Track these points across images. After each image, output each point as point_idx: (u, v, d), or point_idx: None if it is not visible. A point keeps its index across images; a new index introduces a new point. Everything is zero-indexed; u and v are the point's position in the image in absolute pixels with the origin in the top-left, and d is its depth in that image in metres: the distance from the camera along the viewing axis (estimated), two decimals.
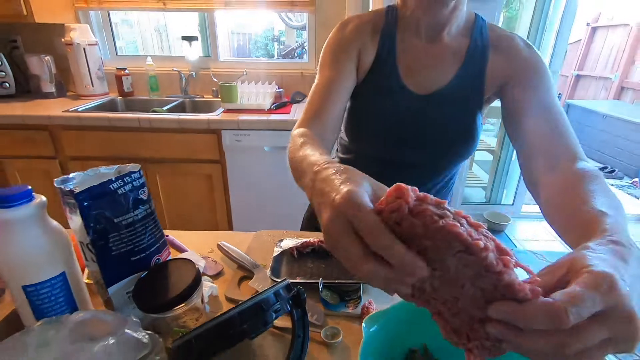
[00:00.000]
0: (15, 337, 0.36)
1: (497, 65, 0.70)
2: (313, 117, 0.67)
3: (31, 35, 2.13)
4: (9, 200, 0.42)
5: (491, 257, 0.27)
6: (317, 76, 0.73)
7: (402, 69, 0.72)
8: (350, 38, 0.72)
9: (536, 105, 0.65)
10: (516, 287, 0.26)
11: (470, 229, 0.27)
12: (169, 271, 0.52)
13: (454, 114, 0.72)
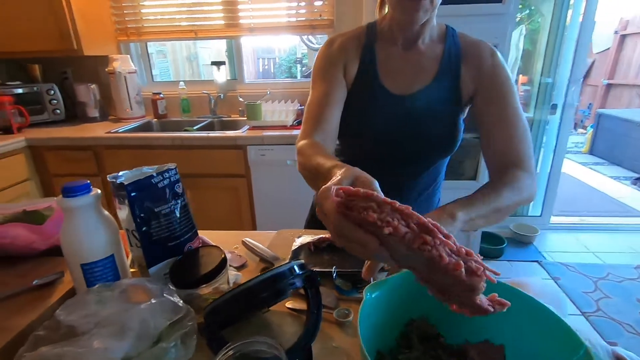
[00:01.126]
0: (78, 296, 0.44)
1: (467, 72, 0.76)
2: (315, 127, 0.74)
3: (79, 67, 2.37)
4: (73, 191, 0.52)
5: (408, 236, 0.33)
6: (311, 91, 0.81)
7: (382, 74, 0.79)
8: (336, 54, 0.80)
9: (493, 120, 0.72)
10: (436, 260, 0.32)
11: (388, 215, 0.33)
12: (199, 256, 0.59)
13: (434, 112, 0.77)
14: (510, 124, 0.71)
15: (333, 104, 0.76)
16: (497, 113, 0.72)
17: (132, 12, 2.26)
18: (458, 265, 0.32)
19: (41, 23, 1.97)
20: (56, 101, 2.23)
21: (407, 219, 0.35)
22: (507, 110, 0.71)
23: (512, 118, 0.71)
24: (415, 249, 0.33)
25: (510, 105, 0.71)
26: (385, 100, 0.78)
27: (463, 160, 2.11)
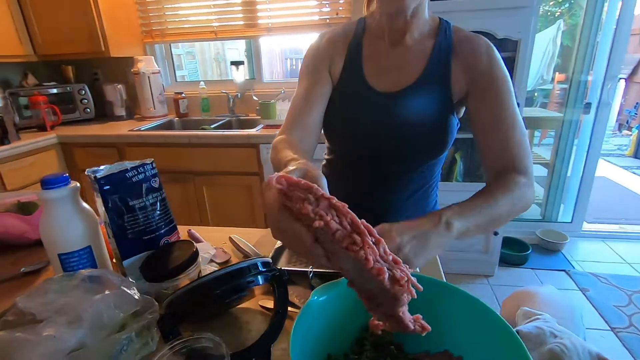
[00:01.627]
0: (40, 284, 0.46)
1: (458, 69, 0.71)
2: (293, 124, 0.73)
3: (109, 68, 2.50)
4: (50, 183, 0.54)
5: (339, 234, 0.31)
6: (297, 87, 0.79)
7: (367, 71, 0.76)
8: (323, 49, 0.79)
9: (489, 121, 0.68)
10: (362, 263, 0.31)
11: (323, 210, 0.32)
12: (173, 250, 0.60)
13: (420, 112, 0.73)
14: (507, 126, 0.66)
15: (314, 101, 0.75)
16: (493, 114, 0.67)
17: (156, 15, 2.35)
18: (381, 271, 0.30)
19: (74, 27, 2.10)
20: (86, 100, 2.36)
21: (341, 217, 0.33)
22: (503, 112, 0.67)
23: (509, 120, 0.67)
24: (344, 248, 0.31)
25: (507, 106, 0.67)
26: (369, 98, 0.75)
27: None
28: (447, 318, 0.43)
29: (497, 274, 2.15)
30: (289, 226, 0.35)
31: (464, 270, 2.16)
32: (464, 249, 2.11)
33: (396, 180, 0.81)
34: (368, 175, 0.82)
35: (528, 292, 1.09)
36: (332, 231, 0.32)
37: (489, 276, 2.14)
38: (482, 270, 2.15)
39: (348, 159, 0.84)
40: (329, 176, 0.90)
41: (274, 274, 0.55)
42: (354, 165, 0.83)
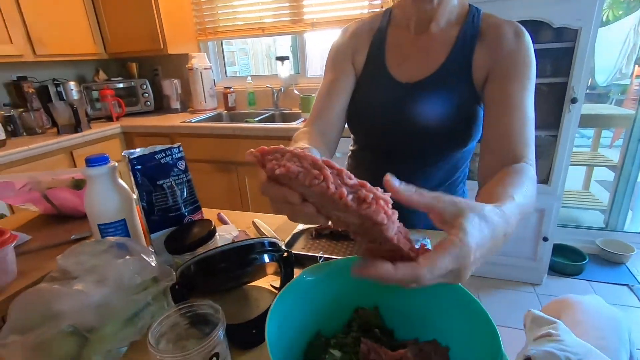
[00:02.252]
0: (74, 247, 0.54)
1: (481, 55, 0.67)
2: (316, 117, 0.75)
3: (167, 64, 2.71)
4: (93, 162, 0.62)
5: (301, 175, 0.32)
6: (322, 79, 0.81)
7: (389, 61, 0.74)
8: (346, 43, 0.79)
9: (502, 100, 0.63)
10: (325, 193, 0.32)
11: (288, 160, 0.33)
12: (194, 227, 0.65)
13: (440, 102, 0.70)
14: (517, 115, 0.62)
15: (337, 94, 0.76)
16: (503, 96, 0.64)
17: (209, 14, 2.50)
18: (342, 193, 0.31)
19: (138, 28, 2.31)
20: (147, 94, 2.58)
21: (302, 161, 0.34)
22: (516, 99, 0.63)
23: (519, 104, 0.62)
24: (308, 186, 0.32)
25: (520, 90, 0.63)
26: (390, 88, 0.74)
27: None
28: (438, 308, 0.42)
29: (545, 283, 2.00)
30: (276, 192, 0.36)
31: (509, 276, 2.03)
32: (509, 254, 1.98)
33: (418, 172, 0.80)
34: (390, 167, 0.82)
35: (568, 301, 1.01)
36: (294, 174, 0.32)
37: (536, 285, 2.00)
38: (529, 277, 2.01)
39: (370, 150, 0.85)
40: (354, 167, 0.92)
41: (281, 255, 0.58)
42: (376, 156, 0.83)
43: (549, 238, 1.88)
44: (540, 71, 1.73)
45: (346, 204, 0.31)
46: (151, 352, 0.40)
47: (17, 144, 1.82)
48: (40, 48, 2.06)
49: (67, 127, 2.05)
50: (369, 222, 0.31)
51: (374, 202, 0.31)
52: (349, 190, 0.32)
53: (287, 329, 0.41)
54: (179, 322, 0.46)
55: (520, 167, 0.56)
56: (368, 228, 0.33)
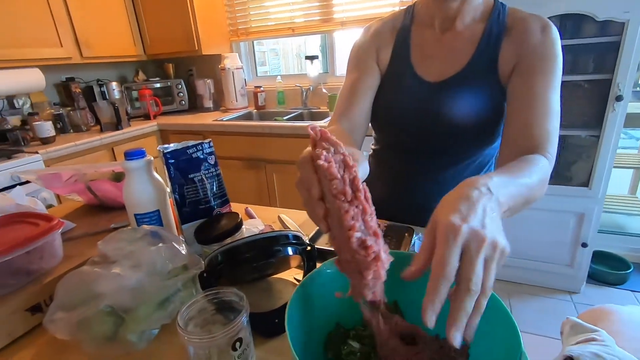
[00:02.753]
0: (114, 233, 0.58)
1: (507, 51, 0.66)
2: (341, 115, 0.75)
3: (201, 65, 2.81)
4: (130, 155, 0.66)
5: (335, 182, 0.33)
6: (345, 79, 0.81)
7: (415, 60, 0.73)
8: (370, 40, 0.78)
9: (524, 94, 0.62)
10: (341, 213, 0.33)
11: (334, 160, 0.34)
12: (222, 219, 0.68)
13: (468, 100, 0.69)
14: (540, 108, 0.60)
15: (362, 93, 0.76)
16: (528, 92, 0.62)
17: (242, 15, 2.57)
18: (354, 227, 0.31)
19: (174, 30, 2.41)
20: (182, 94, 2.69)
21: (346, 171, 0.35)
22: (540, 92, 0.61)
23: (544, 102, 0.61)
24: (333, 195, 0.33)
25: (546, 88, 0.61)
26: (415, 87, 0.74)
27: (574, 161, 1.78)
28: None
29: (583, 292, 1.89)
30: (307, 175, 0.37)
31: (544, 282, 1.94)
32: (544, 259, 1.90)
33: (442, 170, 0.79)
34: (413, 166, 0.81)
35: (606, 310, 0.95)
36: (331, 176, 0.33)
37: (573, 293, 1.90)
38: (566, 285, 1.91)
39: (394, 149, 0.84)
40: (374, 166, 0.91)
41: (304, 248, 0.59)
42: (400, 155, 0.83)
43: (588, 244, 1.77)
44: (582, 67, 1.64)
45: (349, 238, 0.31)
46: (180, 334, 0.43)
47: (65, 140, 1.96)
48: (87, 51, 2.21)
49: (109, 124, 2.18)
50: (355, 264, 0.32)
51: (372, 256, 0.31)
52: (361, 229, 0.32)
53: (307, 319, 0.42)
54: (206, 308, 0.49)
55: (531, 156, 0.56)
56: (352, 265, 0.34)
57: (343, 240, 0.33)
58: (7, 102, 2.11)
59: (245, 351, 0.46)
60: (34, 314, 0.57)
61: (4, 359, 0.52)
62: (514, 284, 1.99)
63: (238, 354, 0.45)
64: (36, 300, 0.57)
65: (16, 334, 0.55)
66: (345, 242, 0.32)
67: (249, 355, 0.47)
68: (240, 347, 0.45)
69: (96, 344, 0.51)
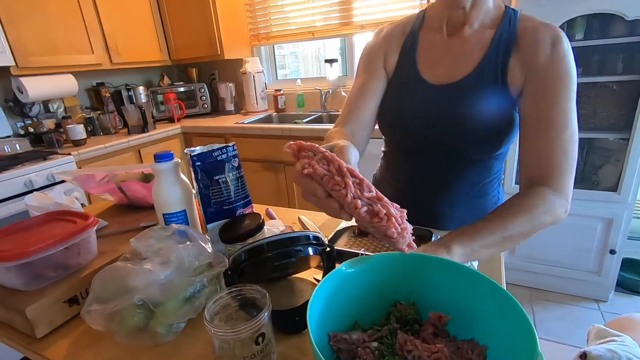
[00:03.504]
0: (145, 231, 0.61)
1: (517, 61, 0.65)
2: (347, 117, 0.77)
3: (223, 69, 2.88)
4: (159, 158, 0.70)
5: (325, 178, 0.35)
6: (354, 80, 0.82)
7: (421, 63, 0.74)
8: (379, 44, 0.79)
9: (535, 117, 0.62)
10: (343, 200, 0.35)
11: (318, 161, 0.37)
12: (245, 220, 0.71)
13: (473, 105, 0.69)
14: (552, 131, 0.60)
15: (368, 96, 0.77)
16: (540, 115, 0.61)
17: (263, 20, 2.62)
18: (357, 204, 0.34)
19: (198, 36, 2.48)
20: (205, 97, 2.77)
21: (330, 165, 0.37)
22: (552, 113, 0.60)
23: (557, 124, 0.60)
24: (330, 189, 0.36)
25: (559, 107, 0.60)
26: (421, 90, 0.74)
27: (601, 165, 1.72)
28: (477, 307, 0.42)
29: (612, 301, 1.82)
30: (306, 184, 0.41)
31: (570, 290, 1.88)
32: (568, 265, 1.84)
33: (449, 175, 0.79)
34: (420, 169, 0.81)
35: (634, 319, 0.92)
36: (319, 177, 0.36)
37: (600, 301, 1.83)
38: (593, 293, 1.85)
39: (401, 151, 0.85)
40: (385, 168, 0.92)
41: (324, 249, 0.61)
42: (407, 158, 0.83)
43: (617, 251, 1.71)
44: (610, 68, 1.59)
45: (359, 214, 0.34)
46: (207, 327, 0.45)
47: (95, 142, 2.05)
48: (116, 57, 2.31)
49: (136, 127, 2.27)
50: (379, 231, 0.34)
51: (385, 218, 0.33)
52: (364, 202, 0.35)
53: (327, 317, 0.44)
54: (230, 304, 0.51)
55: (533, 193, 0.59)
56: (379, 233, 0.36)
57: (359, 218, 0.36)
58: (43, 107, 2.23)
59: (267, 346, 0.48)
60: (71, 306, 0.61)
61: (44, 347, 0.56)
62: (537, 291, 1.94)
63: (260, 348, 0.47)
64: (73, 292, 0.61)
65: (55, 323, 0.59)
66: (361, 219, 0.35)
67: (270, 351, 0.49)
68: (262, 342, 0.47)
69: (128, 335, 0.54)
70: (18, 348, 0.58)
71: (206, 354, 0.53)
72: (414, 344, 0.39)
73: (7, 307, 0.58)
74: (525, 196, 0.59)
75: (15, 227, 0.66)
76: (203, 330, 0.57)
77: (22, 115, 2.15)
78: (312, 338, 0.36)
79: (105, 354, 0.54)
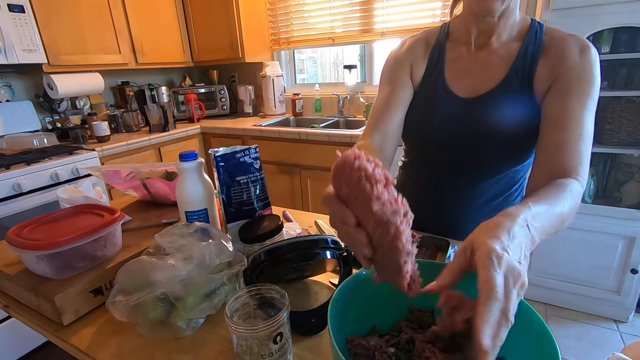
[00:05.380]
0: (169, 228, 0.63)
1: (543, 71, 0.65)
2: (373, 129, 0.77)
3: (243, 72, 2.93)
4: (184, 157, 0.72)
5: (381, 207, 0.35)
6: (378, 93, 0.82)
7: (449, 76, 0.74)
8: (404, 55, 0.80)
9: (559, 115, 0.61)
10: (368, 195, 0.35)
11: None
12: (264, 221, 0.72)
13: (500, 118, 0.69)
14: (573, 130, 0.60)
15: (395, 107, 0.77)
16: (562, 113, 0.61)
17: (284, 25, 2.66)
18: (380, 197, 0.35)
19: (220, 39, 2.54)
20: (224, 99, 2.82)
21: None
22: (574, 114, 0.60)
23: (577, 124, 0.60)
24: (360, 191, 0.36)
25: (581, 110, 0.60)
26: (448, 102, 0.74)
27: (624, 181, 1.68)
28: None
29: (632, 322, 1.76)
30: (336, 209, 0.39)
31: (588, 308, 1.83)
32: (586, 283, 1.79)
33: (472, 186, 0.78)
34: (442, 181, 0.81)
35: None
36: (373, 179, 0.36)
37: (620, 322, 1.77)
38: (612, 313, 1.79)
39: (423, 162, 0.85)
40: (404, 178, 0.92)
41: (341, 253, 0.61)
42: (429, 168, 0.83)
43: (638, 271, 1.66)
44: (637, 82, 1.55)
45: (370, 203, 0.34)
46: (227, 323, 0.46)
47: (118, 140, 2.11)
48: (141, 57, 2.38)
49: (157, 126, 2.33)
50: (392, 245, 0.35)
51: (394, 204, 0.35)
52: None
53: (345, 321, 0.44)
54: (248, 302, 0.52)
55: (564, 181, 0.56)
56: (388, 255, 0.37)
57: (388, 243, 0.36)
58: (71, 103, 2.32)
59: (284, 346, 0.49)
60: (96, 296, 0.63)
61: (70, 334, 0.59)
62: (552, 307, 1.89)
63: (277, 347, 0.48)
64: (99, 283, 0.64)
65: (81, 312, 0.62)
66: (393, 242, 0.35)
67: (287, 350, 0.50)
68: (280, 341, 0.48)
69: (149, 327, 0.56)
70: (45, 334, 0.61)
71: (224, 350, 0.54)
72: (433, 352, 0.39)
73: (37, 294, 0.60)
74: (554, 183, 0.55)
75: (47, 218, 0.69)
76: (221, 327, 0.58)
77: (51, 111, 2.23)
78: (333, 338, 0.37)
79: (127, 343, 0.56)
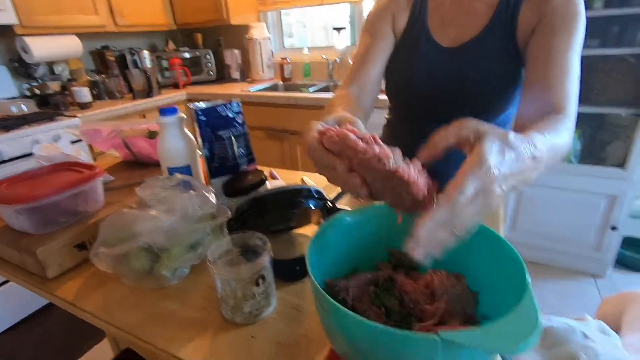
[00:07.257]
0: (150, 179, 0.62)
1: (526, 14, 0.63)
2: (352, 80, 0.75)
3: (229, 35, 2.82)
4: (166, 112, 0.70)
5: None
6: (359, 42, 0.80)
7: (432, 25, 0.72)
8: (385, 5, 0.77)
9: (544, 51, 0.60)
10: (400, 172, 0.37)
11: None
12: (248, 176, 0.72)
13: (484, 65, 0.68)
14: (556, 62, 0.59)
15: (373, 58, 0.75)
16: (545, 48, 0.60)
17: None
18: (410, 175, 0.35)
19: None
20: (210, 64, 2.73)
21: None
22: (556, 47, 0.59)
23: (561, 56, 0.59)
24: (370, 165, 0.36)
25: (564, 43, 0.59)
26: (431, 52, 0.73)
27: (609, 141, 1.70)
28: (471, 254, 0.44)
29: (609, 276, 1.85)
30: (324, 158, 0.40)
31: (568, 265, 1.91)
32: (569, 240, 1.86)
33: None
34: (426, 134, 0.81)
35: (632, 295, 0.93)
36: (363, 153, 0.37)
37: (597, 277, 1.86)
38: (591, 268, 1.87)
39: (407, 117, 0.84)
40: (388, 136, 0.91)
41: (324, 204, 0.62)
42: (413, 123, 0.82)
43: (618, 228, 1.72)
44: (629, 40, 1.53)
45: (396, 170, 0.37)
46: (209, 267, 0.47)
47: (100, 106, 2.05)
48: (120, 19, 2.26)
49: (141, 92, 2.26)
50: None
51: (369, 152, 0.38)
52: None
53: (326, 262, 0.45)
54: (231, 249, 0.53)
55: (558, 117, 0.55)
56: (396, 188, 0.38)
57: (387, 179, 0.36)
58: (48, 69, 2.22)
59: (267, 289, 0.50)
60: (80, 251, 0.63)
61: (56, 286, 0.59)
62: (535, 265, 1.96)
63: (260, 290, 0.49)
64: (82, 238, 0.64)
65: (65, 266, 0.62)
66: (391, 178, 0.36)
67: (270, 294, 0.51)
68: (262, 284, 0.49)
69: (134, 277, 0.56)
70: (30, 287, 0.61)
71: (209, 297, 0.55)
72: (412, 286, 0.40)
73: (19, 249, 0.60)
74: (550, 119, 0.54)
75: (25, 176, 0.68)
76: (206, 275, 0.59)
77: (28, 77, 2.14)
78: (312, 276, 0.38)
79: (113, 294, 0.57)
